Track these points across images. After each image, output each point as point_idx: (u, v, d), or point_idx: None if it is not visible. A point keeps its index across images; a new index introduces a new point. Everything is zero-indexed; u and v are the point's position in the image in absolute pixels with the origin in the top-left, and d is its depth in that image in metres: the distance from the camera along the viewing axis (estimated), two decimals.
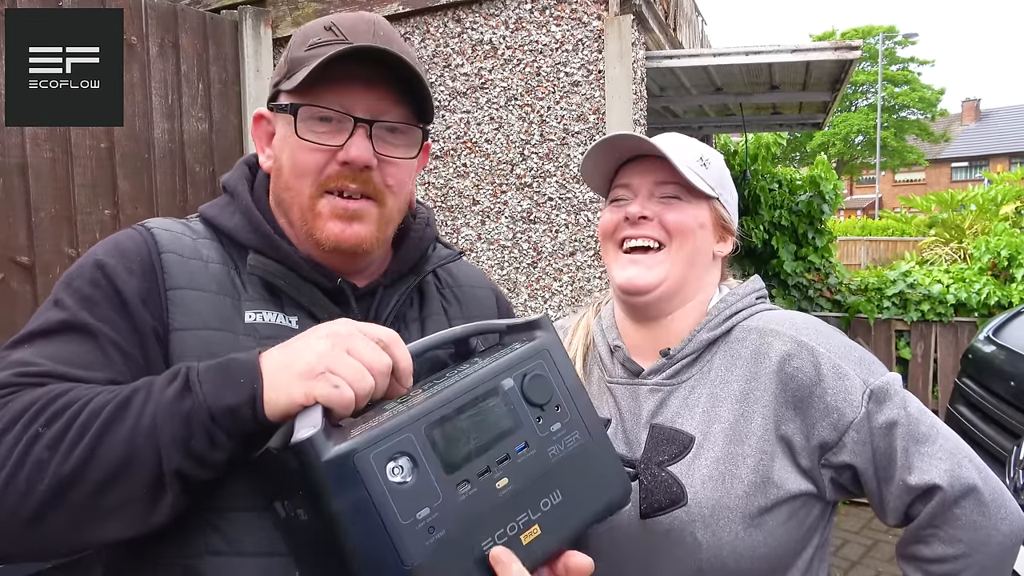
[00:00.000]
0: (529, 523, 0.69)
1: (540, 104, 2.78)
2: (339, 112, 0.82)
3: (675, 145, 1.06)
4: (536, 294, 2.83)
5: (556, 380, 0.78)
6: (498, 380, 0.74)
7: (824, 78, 3.71)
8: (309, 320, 0.83)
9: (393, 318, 0.88)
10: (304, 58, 0.82)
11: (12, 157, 2.09)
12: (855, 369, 0.96)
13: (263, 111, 0.91)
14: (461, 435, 0.69)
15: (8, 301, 2.07)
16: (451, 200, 2.93)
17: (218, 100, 2.71)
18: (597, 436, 0.78)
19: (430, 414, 0.68)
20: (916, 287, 4.61)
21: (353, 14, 0.87)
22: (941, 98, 33.72)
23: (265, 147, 0.91)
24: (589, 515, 0.75)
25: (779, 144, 5.76)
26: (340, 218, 0.83)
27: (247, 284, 0.83)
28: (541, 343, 0.79)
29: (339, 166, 0.82)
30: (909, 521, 0.96)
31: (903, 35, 34.34)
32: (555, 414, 0.76)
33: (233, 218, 0.87)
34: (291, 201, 0.85)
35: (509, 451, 0.71)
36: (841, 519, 4.20)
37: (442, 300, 0.97)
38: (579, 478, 0.75)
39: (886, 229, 16.69)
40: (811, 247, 4.99)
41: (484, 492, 0.68)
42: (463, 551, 0.65)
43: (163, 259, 0.81)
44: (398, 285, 0.91)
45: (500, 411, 0.73)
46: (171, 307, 0.78)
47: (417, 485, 0.65)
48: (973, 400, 2.38)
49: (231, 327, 0.80)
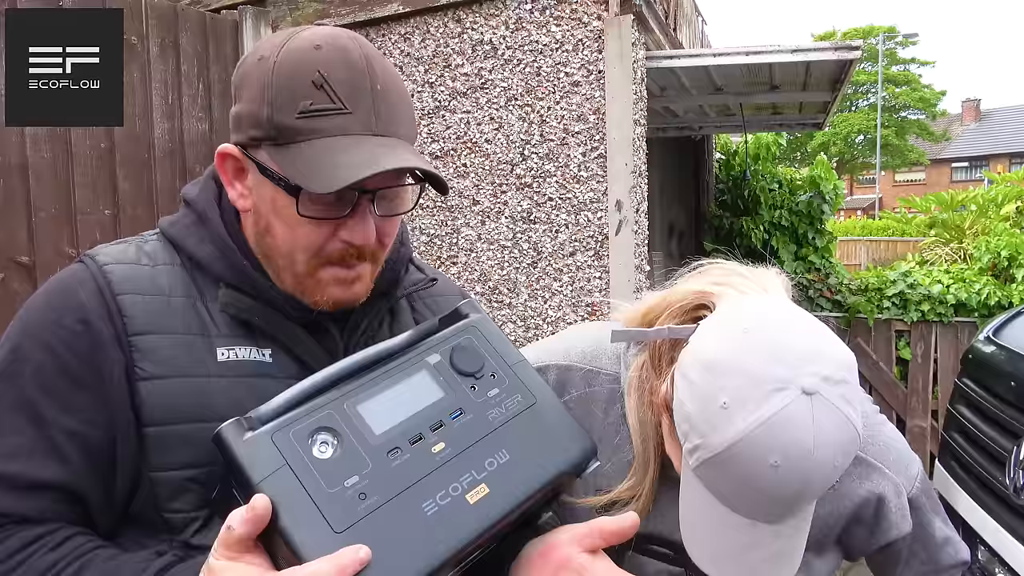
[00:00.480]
0: (474, 482, 0.70)
1: (540, 104, 2.78)
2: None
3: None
4: (536, 294, 2.83)
5: (487, 350, 0.80)
6: (424, 356, 0.77)
7: (824, 78, 3.71)
8: (283, 353, 0.81)
9: (364, 340, 0.86)
10: (297, 129, 0.73)
11: (12, 157, 2.09)
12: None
13: (231, 150, 0.80)
14: (387, 408, 0.71)
15: (8, 301, 2.07)
16: (451, 200, 2.93)
17: (218, 100, 2.71)
18: (544, 398, 0.80)
19: (352, 392, 0.71)
20: (916, 287, 4.61)
21: (340, 56, 0.75)
22: (942, 98, 33.72)
23: (235, 183, 0.81)
24: (545, 474, 0.75)
25: (779, 144, 5.76)
26: (340, 283, 0.80)
27: (215, 318, 0.79)
28: (467, 322, 0.82)
29: (341, 243, 0.77)
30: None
31: (904, 35, 34.34)
32: (491, 381, 0.78)
33: (203, 246, 0.81)
34: (284, 265, 0.80)
35: (443, 418, 0.73)
36: None
37: (415, 315, 0.96)
38: (528, 439, 0.76)
39: (886, 229, 16.68)
40: (811, 247, 5.00)
41: (418, 457, 0.69)
42: (402, 514, 0.66)
43: (119, 302, 0.75)
44: (369, 307, 0.88)
45: (427, 383, 0.75)
46: (136, 356, 0.74)
47: (343, 456, 0.66)
48: (973, 400, 2.38)
49: (203, 370, 0.76)
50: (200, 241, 0.82)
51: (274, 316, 0.80)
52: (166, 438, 0.74)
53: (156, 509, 0.74)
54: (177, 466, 0.74)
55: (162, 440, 0.74)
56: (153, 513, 0.75)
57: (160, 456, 0.74)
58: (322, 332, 0.84)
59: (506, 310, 2.86)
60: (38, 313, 0.76)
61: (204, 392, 0.75)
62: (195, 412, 0.74)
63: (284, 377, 0.79)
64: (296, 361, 0.81)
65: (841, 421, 0.65)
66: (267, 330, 0.80)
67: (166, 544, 0.74)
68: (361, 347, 0.83)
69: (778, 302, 0.76)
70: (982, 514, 2.13)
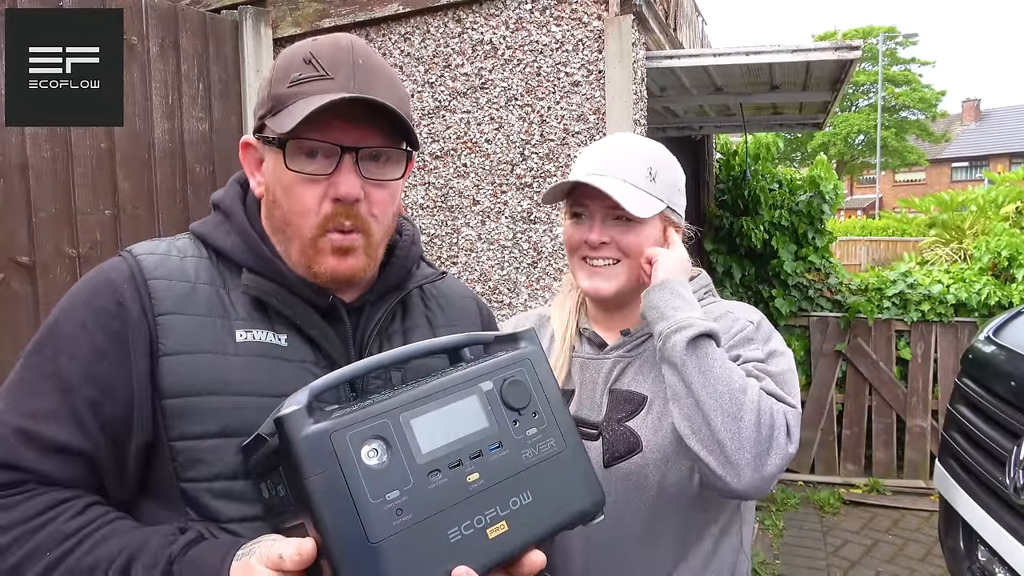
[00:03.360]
0: (496, 518, 0.72)
1: (540, 104, 2.78)
2: (327, 144, 0.84)
3: (623, 162, 1.19)
4: (536, 294, 2.83)
5: (535, 387, 0.82)
6: (478, 381, 0.78)
7: (824, 78, 3.71)
8: (298, 338, 0.87)
9: (377, 332, 0.93)
10: (287, 95, 0.85)
11: (12, 157, 2.09)
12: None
13: (250, 139, 0.93)
14: (436, 427, 0.73)
15: (8, 301, 2.07)
16: (451, 200, 2.93)
17: (218, 100, 2.71)
18: (572, 446, 0.82)
19: (408, 404, 0.73)
20: (916, 287, 4.61)
21: (329, 41, 0.88)
22: (941, 98, 33.70)
23: (255, 172, 0.93)
24: (558, 520, 0.78)
25: (779, 144, 5.76)
26: (336, 253, 0.87)
27: (236, 303, 0.87)
28: (523, 352, 0.84)
29: (332, 203, 0.85)
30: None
31: (904, 35, 34.32)
32: (531, 419, 0.80)
33: (229, 238, 0.90)
34: (292, 235, 0.88)
35: (483, 448, 0.75)
36: (841, 519, 4.20)
37: (427, 311, 1.02)
38: (551, 483, 0.78)
39: (886, 229, 16.68)
40: (811, 247, 4.99)
41: (454, 483, 0.72)
42: (428, 536, 0.68)
43: (150, 285, 0.83)
44: (383, 301, 0.95)
45: (476, 409, 0.77)
46: (160, 333, 0.82)
47: (389, 468, 0.69)
48: (973, 400, 2.38)
49: (222, 348, 0.83)
50: (226, 234, 0.91)
51: (292, 299, 0.87)
52: (185, 409, 0.80)
53: (173, 479, 0.81)
54: (194, 435, 0.80)
55: (181, 411, 0.80)
56: (170, 484, 0.81)
57: (179, 427, 0.80)
58: (336, 320, 0.90)
59: (506, 310, 2.86)
60: (78, 296, 0.84)
61: (222, 368, 0.82)
62: (213, 386, 0.81)
63: (298, 361, 0.86)
64: (310, 345, 0.88)
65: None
66: (284, 312, 0.87)
67: (183, 519, 0.80)
68: (372, 338, 0.92)
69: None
70: (982, 514, 2.13)
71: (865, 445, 4.70)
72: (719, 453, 1.03)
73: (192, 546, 0.73)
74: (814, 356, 4.76)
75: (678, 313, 1.10)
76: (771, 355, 1.16)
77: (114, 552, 0.72)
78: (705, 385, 1.04)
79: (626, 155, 1.21)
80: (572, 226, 1.24)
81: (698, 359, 1.06)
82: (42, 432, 0.77)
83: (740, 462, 1.02)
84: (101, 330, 0.80)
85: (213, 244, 0.90)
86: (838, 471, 4.71)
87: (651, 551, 1.17)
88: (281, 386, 0.81)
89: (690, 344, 1.06)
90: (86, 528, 0.74)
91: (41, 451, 0.77)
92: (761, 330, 1.19)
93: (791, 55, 3.12)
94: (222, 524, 0.80)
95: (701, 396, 1.04)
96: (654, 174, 1.20)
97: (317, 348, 0.88)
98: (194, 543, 0.74)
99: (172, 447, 0.80)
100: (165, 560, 0.71)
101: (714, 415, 1.03)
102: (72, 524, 0.74)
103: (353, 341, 0.91)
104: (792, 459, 1.08)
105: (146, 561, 0.71)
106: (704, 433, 1.03)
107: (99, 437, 0.79)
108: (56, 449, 0.77)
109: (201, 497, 0.80)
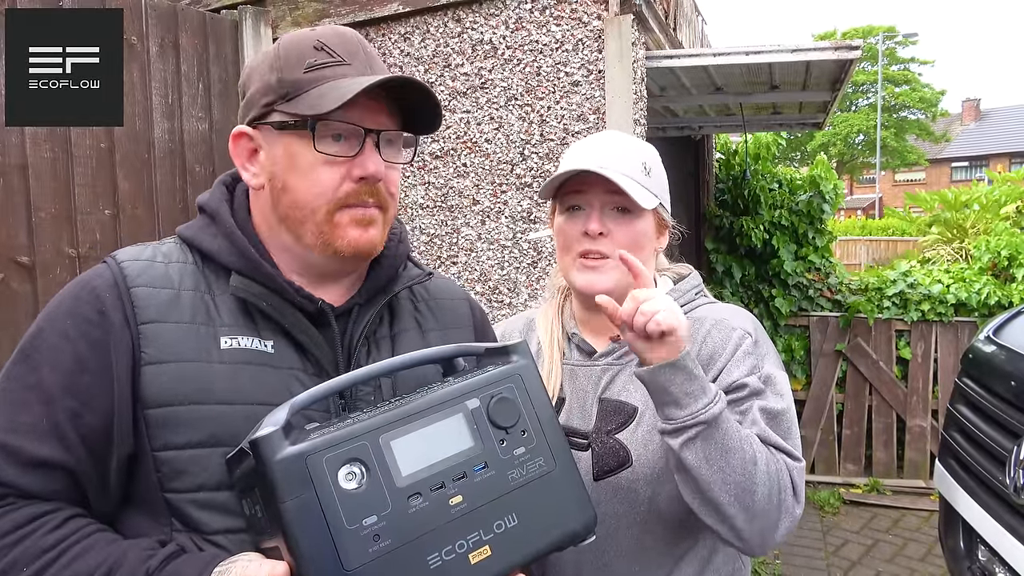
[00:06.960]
0: (480, 543, 0.70)
1: (540, 104, 2.78)
2: (352, 126, 0.84)
3: (619, 155, 1.17)
4: (536, 294, 2.83)
5: (525, 405, 0.78)
6: (464, 399, 0.75)
7: (824, 78, 3.71)
8: (285, 343, 0.85)
9: (365, 336, 0.90)
10: (306, 80, 0.84)
11: (12, 157, 2.09)
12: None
13: (245, 129, 0.90)
14: (418, 448, 0.70)
15: (8, 301, 2.07)
16: (451, 200, 2.93)
17: (218, 100, 2.71)
18: (563, 465, 0.79)
19: (389, 425, 0.69)
20: (916, 287, 4.61)
21: (331, 31, 0.89)
22: (941, 98, 33.69)
23: (247, 164, 0.90)
24: (545, 543, 0.75)
25: (779, 144, 5.76)
26: (359, 224, 0.86)
27: (221, 309, 0.85)
28: (514, 368, 0.80)
29: (355, 183, 0.85)
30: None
31: (903, 35, 34.31)
32: (520, 438, 0.76)
33: (215, 241, 0.88)
34: (304, 218, 0.86)
35: (467, 470, 0.72)
36: (841, 519, 4.20)
37: (416, 315, 0.99)
38: (538, 505, 0.75)
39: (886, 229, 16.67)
40: (811, 247, 4.99)
41: (436, 507, 0.69)
42: (407, 562, 0.66)
43: (133, 293, 0.82)
44: (371, 304, 0.93)
45: (461, 429, 0.73)
46: (143, 341, 0.80)
47: (367, 492, 0.66)
48: (973, 400, 2.38)
49: (205, 356, 0.81)
50: (212, 237, 0.89)
51: (280, 303, 0.85)
52: (168, 419, 0.79)
53: (157, 490, 0.79)
54: (177, 446, 0.79)
55: (165, 421, 0.79)
56: (155, 495, 0.79)
57: (162, 436, 0.79)
58: (324, 325, 0.88)
59: (506, 310, 2.86)
60: (61, 303, 0.83)
61: (206, 376, 0.80)
62: (196, 395, 0.79)
63: (285, 368, 0.84)
64: (298, 351, 0.86)
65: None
66: (272, 316, 0.85)
67: (167, 530, 0.78)
68: (360, 341, 0.89)
69: None
70: (982, 514, 2.13)
71: (865, 445, 4.70)
72: (728, 528, 1.00)
73: (170, 560, 0.73)
74: (814, 356, 4.76)
75: (694, 404, 0.98)
76: (769, 381, 1.11)
77: (92, 566, 0.72)
78: (719, 471, 0.98)
79: (622, 149, 1.19)
80: (567, 221, 1.20)
81: (715, 445, 0.98)
82: (23, 447, 0.75)
83: (750, 535, 1.00)
84: (83, 339, 0.79)
85: (199, 247, 0.89)
86: (838, 471, 4.71)
87: (642, 565, 1.14)
88: (267, 394, 0.80)
89: (706, 437, 0.98)
90: (64, 542, 0.73)
91: (21, 466, 0.75)
92: (759, 345, 1.14)
93: (791, 55, 3.12)
94: (207, 536, 0.78)
95: (714, 481, 0.98)
96: (648, 169, 1.19)
97: (305, 354, 0.86)
98: (172, 557, 0.73)
99: (156, 457, 0.79)
100: (143, 574, 0.71)
101: (724, 496, 0.98)
102: (50, 538, 0.73)
103: (341, 346, 0.89)
104: (799, 519, 1.06)
105: (124, 575, 0.71)
106: (712, 509, 1.00)
107: (80, 450, 0.77)
108: (36, 464, 0.76)
109: (185, 508, 0.79)
